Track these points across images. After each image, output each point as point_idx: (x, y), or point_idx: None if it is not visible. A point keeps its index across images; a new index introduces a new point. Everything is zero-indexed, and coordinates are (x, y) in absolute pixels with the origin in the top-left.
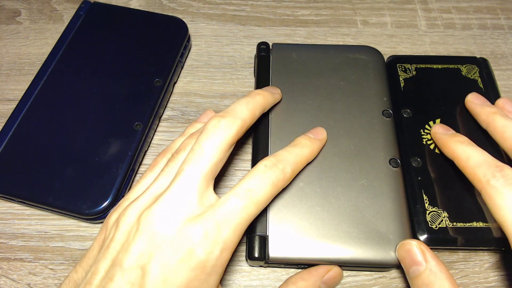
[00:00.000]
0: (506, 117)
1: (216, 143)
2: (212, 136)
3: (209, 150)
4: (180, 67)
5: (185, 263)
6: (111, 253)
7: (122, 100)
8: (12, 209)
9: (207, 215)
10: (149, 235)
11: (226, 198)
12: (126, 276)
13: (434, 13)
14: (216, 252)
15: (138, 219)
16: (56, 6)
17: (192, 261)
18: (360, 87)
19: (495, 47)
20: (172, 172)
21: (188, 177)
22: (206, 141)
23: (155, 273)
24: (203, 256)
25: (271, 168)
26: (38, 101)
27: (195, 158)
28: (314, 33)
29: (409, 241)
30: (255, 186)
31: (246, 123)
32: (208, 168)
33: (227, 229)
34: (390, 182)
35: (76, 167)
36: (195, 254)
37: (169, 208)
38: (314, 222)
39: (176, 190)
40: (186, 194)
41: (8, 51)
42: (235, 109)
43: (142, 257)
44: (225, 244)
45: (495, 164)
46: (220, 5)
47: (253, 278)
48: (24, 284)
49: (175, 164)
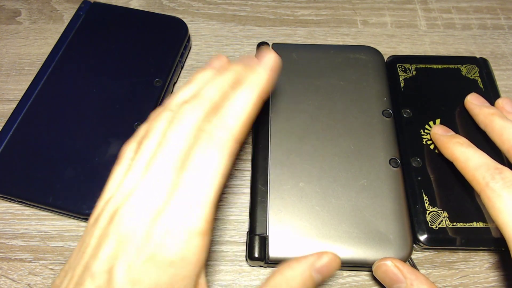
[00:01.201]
0: (504, 119)
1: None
2: (176, 124)
3: (175, 139)
4: (180, 67)
5: (150, 262)
6: (84, 259)
7: (122, 100)
8: (12, 209)
9: (166, 207)
10: (116, 238)
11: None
12: (95, 280)
13: (434, 13)
14: (180, 244)
15: (109, 222)
16: (56, 6)
17: (157, 260)
18: (360, 87)
19: (495, 47)
20: (141, 166)
21: (158, 172)
22: (171, 131)
23: (121, 276)
24: (167, 252)
25: None
26: (38, 101)
27: (162, 150)
28: (314, 33)
29: (384, 262)
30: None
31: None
32: (178, 158)
33: (186, 214)
34: (390, 182)
35: (76, 167)
36: (160, 251)
37: (136, 209)
38: (314, 222)
39: (145, 188)
40: (155, 192)
41: (8, 51)
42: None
43: (109, 261)
44: (190, 232)
45: (495, 166)
46: (220, 5)
47: (253, 278)
48: (24, 284)
49: (144, 157)
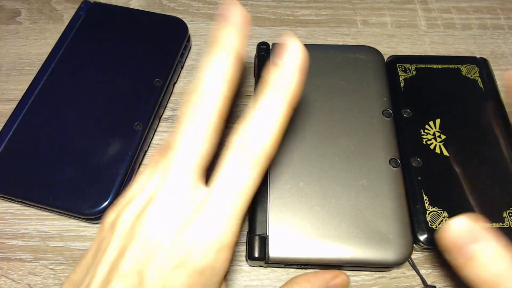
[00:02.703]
0: None
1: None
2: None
3: (193, 143)
4: (180, 67)
5: (181, 268)
6: (109, 257)
7: (122, 100)
8: (12, 209)
9: (197, 215)
10: (143, 241)
11: (211, 192)
12: (124, 281)
13: (434, 13)
14: (212, 254)
15: (133, 223)
16: (56, 6)
17: (188, 267)
18: (360, 87)
19: (495, 47)
20: (165, 171)
21: (177, 175)
22: (187, 135)
23: (152, 279)
24: (198, 261)
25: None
26: (38, 101)
27: (181, 154)
28: (314, 33)
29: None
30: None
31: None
32: (195, 162)
33: (219, 227)
34: (390, 182)
35: (76, 167)
36: (190, 259)
37: (160, 212)
38: (314, 222)
39: (167, 191)
40: (176, 195)
41: (8, 51)
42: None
43: (138, 263)
44: (220, 244)
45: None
46: (220, 5)
47: (253, 278)
48: (24, 284)
49: (167, 163)
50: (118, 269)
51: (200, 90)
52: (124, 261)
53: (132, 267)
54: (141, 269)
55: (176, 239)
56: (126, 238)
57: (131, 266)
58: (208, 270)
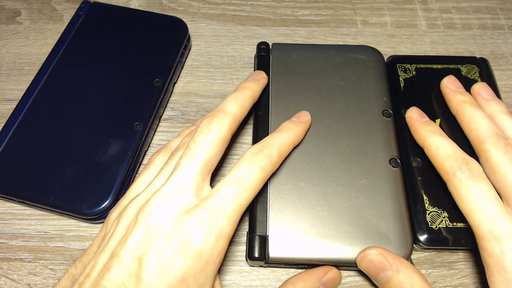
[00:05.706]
0: (475, 107)
1: (210, 139)
2: (205, 133)
3: (203, 146)
4: (180, 67)
5: (180, 252)
6: (110, 247)
7: (122, 100)
8: (12, 209)
9: (201, 205)
10: (146, 227)
11: (218, 188)
12: (123, 266)
13: (434, 13)
14: (211, 240)
15: (137, 213)
16: (56, 6)
17: (188, 250)
18: (360, 87)
19: (495, 47)
20: (171, 169)
21: (185, 171)
22: (200, 138)
23: (151, 262)
24: (198, 244)
25: (257, 155)
26: (38, 101)
27: (190, 153)
28: (314, 33)
29: (368, 252)
30: (244, 173)
31: (238, 118)
32: (204, 162)
33: (221, 217)
34: (390, 182)
35: (76, 167)
36: (191, 243)
37: (165, 201)
38: (314, 222)
39: (173, 184)
40: (182, 188)
41: (8, 51)
42: (225, 106)
43: (139, 248)
44: (220, 232)
45: (463, 157)
46: (220, 5)
47: (253, 278)
48: (24, 284)
49: (174, 162)
50: (119, 255)
51: None
52: (125, 247)
53: (132, 253)
54: (141, 254)
55: (178, 222)
56: (129, 227)
57: (131, 252)
58: (206, 255)
